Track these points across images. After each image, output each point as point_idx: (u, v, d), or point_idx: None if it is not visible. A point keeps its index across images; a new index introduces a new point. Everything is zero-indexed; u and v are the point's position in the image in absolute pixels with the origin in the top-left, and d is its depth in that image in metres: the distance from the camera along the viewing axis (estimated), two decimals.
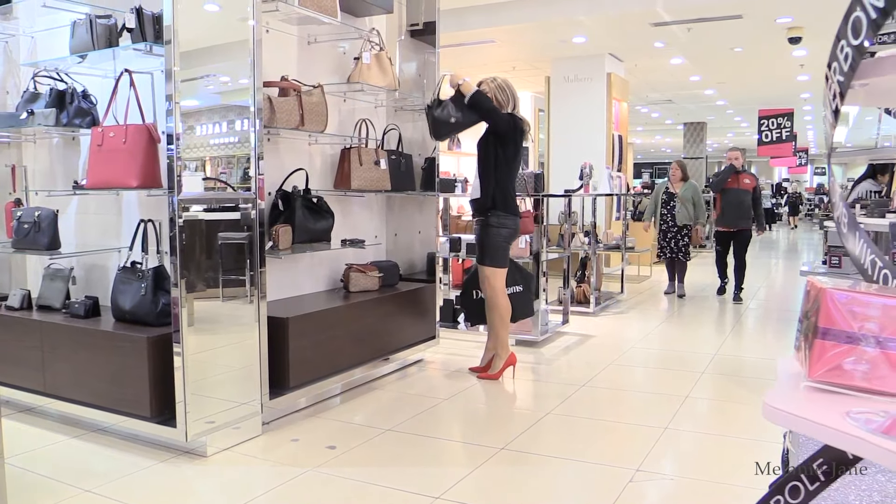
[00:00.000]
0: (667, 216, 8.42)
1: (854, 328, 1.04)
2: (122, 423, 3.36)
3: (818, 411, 0.96)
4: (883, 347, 1.03)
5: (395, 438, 3.54)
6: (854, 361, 1.03)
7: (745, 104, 16.37)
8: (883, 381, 1.04)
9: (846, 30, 1.04)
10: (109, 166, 3.30)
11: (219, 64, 3.64)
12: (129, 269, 3.50)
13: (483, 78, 4.58)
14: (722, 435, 3.61)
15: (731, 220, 7.87)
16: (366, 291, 4.48)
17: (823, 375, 1.08)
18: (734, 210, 7.83)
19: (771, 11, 8.00)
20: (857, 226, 1.21)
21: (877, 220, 4.00)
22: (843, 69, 1.04)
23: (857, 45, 0.99)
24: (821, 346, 1.07)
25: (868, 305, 1.05)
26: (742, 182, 7.90)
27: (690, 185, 8.34)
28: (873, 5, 0.97)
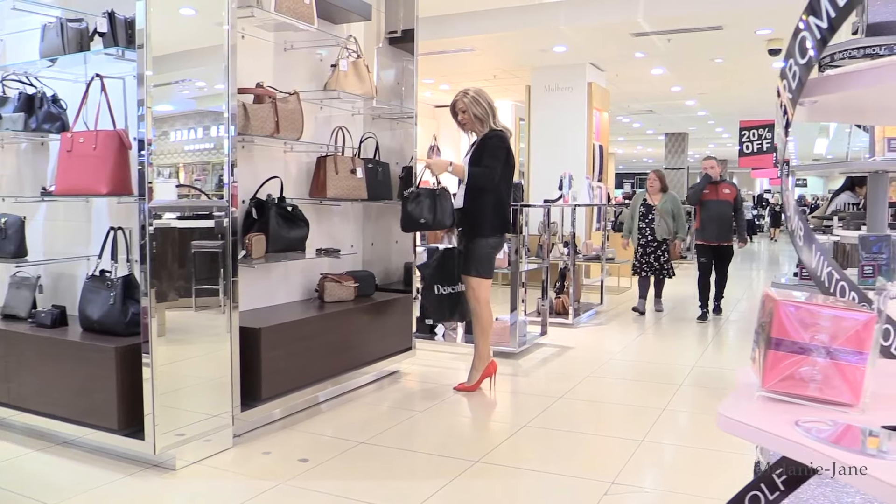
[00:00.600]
0: (645, 230, 7.98)
1: (805, 339, 1.08)
2: (89, 436, 3.33)
3: (769, 421, 1.00)
4: (833, 358, 1.07)
5: (369, 451, 3.54)
6: (806, 371, 1.08)
7: (727, 115, 16.60)
8: (834, 390, 1.09)
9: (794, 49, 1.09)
10: (79, 172, 3.29)
11: (193, 69, 3.64)
12: (98, 277, 3.48)
13: (456, 95, 4.61)
14: (699, 447, 3.66)
15: (711, 234, 7.53)
16: (341, 302, 4.48)
17: (776, 385, 1.12)
18: (714, 223, 7.48)
19: (751, 23, 8.14)
20: (812, 239, 1.25)
21: (853, 232, 4.08)
22: (792, 86, 1.09)
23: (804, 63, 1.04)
24: (774, 356, 1.11)
25: (819, 316, 1.09)
26: (721, 193, 7.55)
27: (670, 196, 7.98)
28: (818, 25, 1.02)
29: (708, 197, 7.54)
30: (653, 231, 7.91)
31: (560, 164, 9.44)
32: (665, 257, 7.92)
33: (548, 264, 6.80)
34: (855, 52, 2.17)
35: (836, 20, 1.01)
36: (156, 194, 3.11)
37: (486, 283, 4.58)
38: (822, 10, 1.03)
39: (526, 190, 10.29)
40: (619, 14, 7.96)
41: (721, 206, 7.49)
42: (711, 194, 7.54)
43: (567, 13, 8.12)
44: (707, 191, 7.54)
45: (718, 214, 7.46)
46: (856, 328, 1.06)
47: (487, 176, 4.44)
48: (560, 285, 7.67)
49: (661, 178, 8.08)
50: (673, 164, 19.87)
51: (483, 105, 4.51)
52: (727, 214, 7.51)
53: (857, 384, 1.09)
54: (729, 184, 7.75)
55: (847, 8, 1.00)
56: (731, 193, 7.58)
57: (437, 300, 4.57)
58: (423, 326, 5.99)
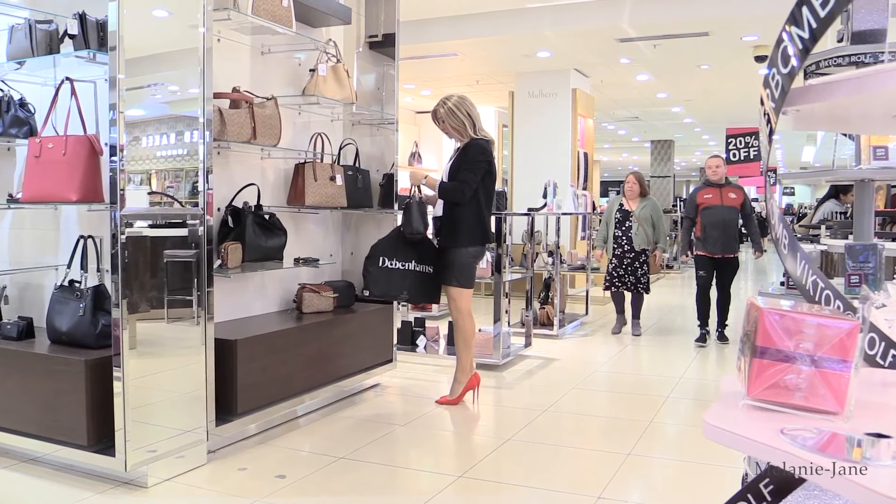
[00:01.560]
0: (621, 239, 7.32)
1: (790, 347, 1.11)
2: (57, 453, 3.30)
3: (755, 429, 1.02)
4: (818, 366, 1.10)
5: (348, 467, 3.54)
6: (790, 380, 1.11)
7: (713, 122, 16.77)
8: (819, 398, 1.12)
9: (777, 58, 1.12)
10: (47, 179, 3.27)
11: (167, 72, 3.63)
12: (66, 287, 3.46)
13: (437, 103, 4.63)
14: (686, 461, 3.69)
15: (714, 245, 6.70)
16: (320, 313, 4.48)
17: (761, 394, 1.15)
18: (717, 232, 6.65)
19: (737, 29, 8.25)
20: (797, 247, 1.28)
21: (841, 241, 4.15)
22: (775, 95, 1.12)
23: (787, 73, 1.07)
24: (759, 364, 1.14)
25: (803, 325, 1.12)
26: (726, 197, 6.73)
27: (650, 202, 7.35)
28: (800, 36, 1.05)
29: (710, 202, 6.77)
30: (630, 240, 7.27)
31: (544, 171, 9.49)
32: (643, 270, 7.25)
33: (532, 274, 6.83)
34: (840, 60, 2.22)
35: (817, 30, 1.04)
36: (128, 202, 3.10)
37: (466, 294, 4.60)
38: (804, 20, 1.06)
39: (509, 198, 10.33)
40: (605, 19, 8.03)
41: (726, 213, 6.70)
42: (714, 198, 6.77)
43: (551, 18, 8.19)
44: (709, 195, 6.80)
45: (723, 222, 6.67)
46: (840, 336, 1.09)
47: (458, 191, 4.47)
48: (544, 296, 7.70)
49: (640, 182, 7.42)
50: (659, 172, 20.03)
51: (459, 117, 4.52)
52: (733, 222, 6.74)
53: (841, 392, 1.12)
54: (735, 187, 6.92)
55: (828, 19, 1.03)
56: (737, 198, 6.76)
57: (377, 271, 4.51)
58: (404, 338, 6.00)
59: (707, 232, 6.72)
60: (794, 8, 1.10)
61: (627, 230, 7.31)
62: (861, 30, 2.04)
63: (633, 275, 7.27)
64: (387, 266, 4.54)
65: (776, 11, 7.31)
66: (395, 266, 4.54)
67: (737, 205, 6.74)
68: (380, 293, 4.60)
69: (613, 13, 7.91)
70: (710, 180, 6.83)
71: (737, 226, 6.78)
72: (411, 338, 6.08)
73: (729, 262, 6.78)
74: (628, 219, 7.32)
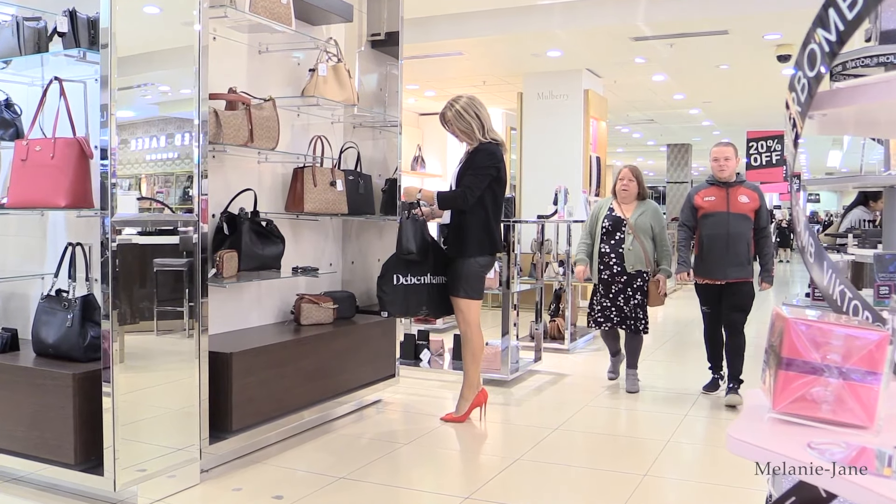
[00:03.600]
0: (609, 257, 5.57)
1: (817, 359, 1.12)
2: (42, 472, 3.31)
3: (780, 442, 1.03)
4: (846, 378, 1.11)
5: (348, 487, 3.54)
6: (817, 392, 1.11)
7: (733, 125, 16.79)
8: (847, 412, 1.12)
9: (803, 61, 1.13)
10: (35, 183, 3.29)
11: (158, 72, 3.67)
12: (53, 297, 3.47)
13: (445, 105, 4.65)
14: (706, 482, 3.69)
15: (714, 267, 5.18)
16: (319, 325, 4.49)
17: (788, 407, 1.16)
18: (720, 249, 5.14)
19: (758, 28, 8.27)
20: (824, 256, 1.30)
21: (869, 250, 4.15)
22: (801, 99, 1.13)
23: (813, 76, 1.09)
24: (784, 376, 1.15)
25: (830, 335, 1.13)
26: (734, 201, 5.17)
27: (649, 207, 5.68)
28: (826, 39, 1.06)
29: (712, 206, 5.23)
30: (621, 258, 5.53)
31: (554, 177, 9.51)
32: (638, 300, 5.52)
33: (542, 285, 6.84)
34: (868, 61, 2.23)
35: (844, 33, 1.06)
36: (119, 208, 3.12)
37: (475, 305, 4.61)
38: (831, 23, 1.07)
39: (518, 205, 10.35)
40: (618, 17, 8.06)
41: (732, 223, 5.14)
42: (718, 202, 5.21)
43: (562, 16, 8.22)
44: (711, 196, 5.26)
45: (727, 235, 5.12)
46: (869, 348, 1.10)
47: (460, 198, 4.49)
48: (555, 308, 7.71)
49: (637, 179, 5.71)
50: (675, 178, 20.05)
51: (468, 119, 4.54)
52: (742, 236, 5.14)
53: (870, 405, 1.12)
54: (749, 188, 5.29)
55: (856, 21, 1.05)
56: (751, 203, 5.19)
57: (393, 291, 4.51)
58: (407, 352, 6.01)
59: (706, 248, 5.21)
60: (821, 10, 1.11)
61: (618, 245, 5.56)
62: (889, 29, 2.06)
63: (627, 305, 5.56)
64: (402, 283, 4.54)
65: (799, 8, 7.34)
66: (410, 282, 4.56)
67: (749, 212, 5.17)
68: (399, 313, 4.65)
69: (628, 10, 7.94)
70: (716, 177, 5.29)
71: (748, 241, 5.16)
72: (414, 351, 6.09)
73: (737, 291, 5.20)
74: (620, 229, 5.58)
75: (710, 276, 5.24)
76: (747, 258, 5.17)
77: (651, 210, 5.67)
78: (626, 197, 5.69)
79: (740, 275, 5.16)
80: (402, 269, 4.54)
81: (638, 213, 5.63)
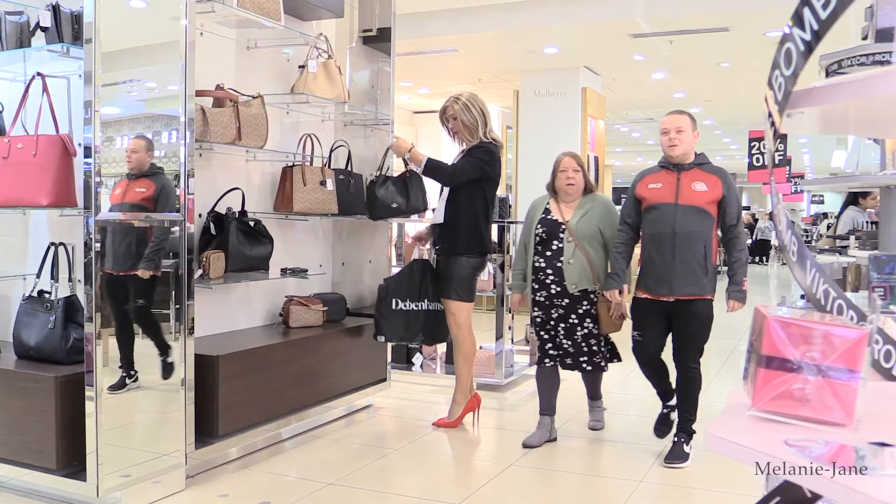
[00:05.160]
0: (545, 272, 4.33)
1: (796, 356, 1.16)
2: (22, 477, 3.32)
3: (758, 440, 1.06)
4: (825, 376, 1.15)
5: (337, 494, 3.57)
6: (797, 390, 1.15)
7: (735, 124, 16.87)
8: (826, 409, 1.16)
9: (780, 59, 1.17)
10: (16, 181, 3.31)
11: (144, 68, 3.70)
12: (35, 298, 3.49)
13: (447, 100, 4.68)
14: (702, 488, 3.72)
15: (657, 278, 3.98)
16: (308, 327, 4.51)
17: (767, 404, 1.20)
18: (664, 253, 3.93)
19: (760, 24, 8.31)
20: (806, 255, 1.33)
21: (868, 252, 4.17)
22: (778, 98, 1.17)
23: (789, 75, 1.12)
24: (764, 374, 1.19)
25: (810, 333, 1.17)
26: (687, 189, 3.94)
27: (597, 203, 4.41)
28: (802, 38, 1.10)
29: (657, 197, 4.01)
30: (559, 274, 4.28)
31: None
32: (588, 329, 4.31)
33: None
34: (863, 59, 2.27)
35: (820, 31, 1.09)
36: (102, 207, 3.14)
37: (466, 307, 4.63)
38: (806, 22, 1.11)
39: (514, 205, 10.38)
40: (617, 13, 8.10)
41: (683, 219, 3.91)
42: (665, 191, 3.99)
43: (560, 12, 8.25)
44: (658, 183, 4.03)
45: (674, 234, 3.91)
46: (847, 345, 1.14)
47: (448, 172, 4.56)
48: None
49: (582, 168, 4.47)
50: None
51: (474, 112, 4.58)
52: (696, 235, 3.90)
53: (849, 403, 1.16)
54: (708, 171, 4.02)
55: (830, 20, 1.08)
56: (710, 192, 3.94)
57: (392, 315, 4.54)
58: (398, 356, 6.03)
59: (647, 254, 4.06)
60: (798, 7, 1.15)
61: (555, 257, 4.31)
62: (885, 27, 2.10)
63: (570, 337, 4.33)
64: (401, 308, 4.55)
65: None
66: (409, 308, 4.57)
67: (707, 204, 3.94)
68: (396, 339, 4.70)
69: (627, 6, 7.98)
70: (666, 157, 4.06)
71: (706, 243, 3.92)
72: (406, 355, 6.12)
73: (687, 312, 3.97)
74: (557, 236, 4.33)
75: (651, 290, 4.01)
76: (704, 267, 3.90)
77: (599, 208, 4.36)
78: (567, 193, 4.42)
79: (691, 290, 3.91)
80: (402, 294, 4.55)
81: (580, 213, 4.34)
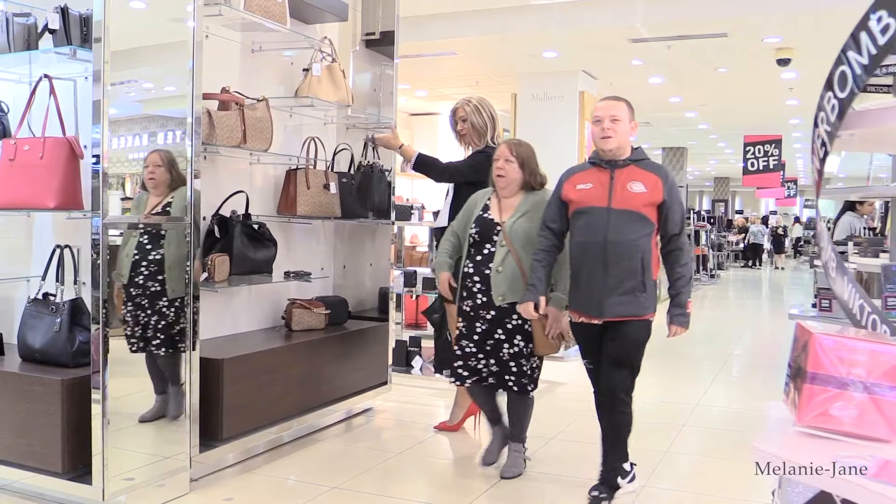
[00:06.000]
0: (472, 279, 3.82)
1: (842, 373, 1.18)
2: (27, 480, 3.31)
3: (807, 455, 1.08)
4: (870, 392, 1.17)
5: (340, 497, 3.56)
6: (842, 407, 1.17)
7: (730, 129, 16.93)
8: (871, 426, 1.18)
9: (833, 81, 1.18)
10: (23, 183, 3.29)
11: (149, 69, 3.69)
12: (40, 301, 3.48)
13: (458, 102, 4.65)
14: (704, 494, 3.73)
15: (588, 296, 3.43)
16: (310, 330, 4.51)
17: (812, 420, 1.22)
18: (593, 266, 3.40)
19: (758, 30, 8.36)
20: (844, 270, 1.35)
21: (872, 260, 4.20)
22: (831, 119, 1.18)
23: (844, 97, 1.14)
24: (809, 390, 1.21)
25: (855, 351, 1.19)
26: (621, 190, 3.40)
27: (539, 202, 3.85)
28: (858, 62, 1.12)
29: (586, 199, 3.47)
30: (486, 282, 3.76)
31: (548, 180, 9.56)
32: (518, 347, 3.75)
33: None
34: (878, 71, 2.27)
35: (877, 57, 1.10)
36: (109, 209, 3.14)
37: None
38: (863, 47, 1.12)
39: None
40: (616, 18, 8.12)
41: (617, 225, 3.37)
42: (596, 192, 3.45)
43: (559, 16, 8.27)
44: (587, 183, 3.48)
45: (605, 243, 3.37)
46: (893, 363, 1.15)
47: (439, 168, 4.51)
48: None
49: (522, 158, 3.91)
50: None
51: (484, 116, 4.52)
52: (632, 246, 3.37)
53: (894, 420, 1.17)
54: (647, 169, 3.48)
55: (888, 47, 1.09)
56: (648, 194, 3.41)
57: None
58: (399, 359, 6.03)
59: (575, 266, 3.50)
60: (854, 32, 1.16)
61: (484, 263, 3.79)
62: None
63: (493, 357, 3.79)
64: None
65: (800, 12, 7.43)
66: None
67: (645, 208, 3.39)
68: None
69: (626, 11, 8.01)
70: (598, 152, 3.51)
71: (643, 254, 3.37)
72: (406, 358, 6.12)
73: (618, 335, 3.43)
74: (490, 239, 3.81)
75: (581, 310, 3.47)
76: (641, 283, 3.37)
77: (543, 208, 3.73)
78: (502, 188, 3.89)
79: (625, 310, 3.37)
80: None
81: (518, 214, 3.82)
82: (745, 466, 4.05)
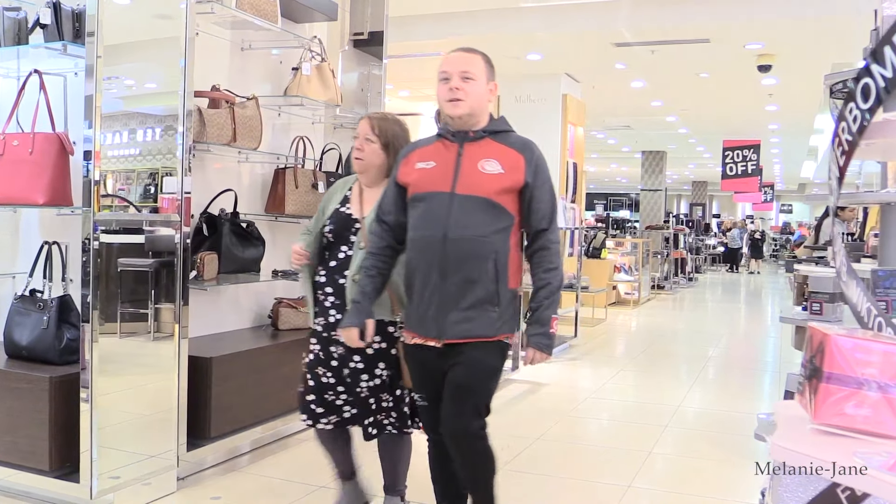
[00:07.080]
0: (323, 290, 3.02)
1: (857, 373, 1.25)
2: (13, 478, 3.28)
3: (827, 451, 1.13)
4: (884, 392, 1.24)
5: (328, 497, 3.56)
6: (857, 405, 1.23)
7: (709, 134, 17.10)
8: (884, 424, 1.25)
9: (856, 93, 1.21)
10: (11, 179, 3.27)
11: (139, 65, 3.68)
12: (27, 298, 3.46)
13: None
14: (690, 494, 3.77)
15: (424, 310, 2.62)
16: (297, 329, 4.50)
17: (828, 418, 1.29)
18: (429, 270, 2.59)
19: (740, 37, 8.46)
20: (855, 274, 1.39)
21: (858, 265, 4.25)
22: (853, 129, 1.22)
23: (867, 108, 1.17)
24: (825, 390, 1.27)
25: (870, 351, 1.25)
26: (470, 169, 2.60)
27: None
28: (882, 74, 1.16)
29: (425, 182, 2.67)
30: (341, 294, 2.95)
31: None
32: (381, 378, 2.93)
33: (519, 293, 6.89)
34: None
35: None
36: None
37: None
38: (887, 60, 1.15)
39: None
40: (601, 22, 8.18)
41: (461, 215, 2.58)
42: (439, 172, 2.65)
43: (544, 19, 8.31)
44: (429, 161, 2.69)
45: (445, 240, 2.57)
46: None
47: None
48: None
49: (384, 136, 2.97)
50: (650, 185, 20.31)
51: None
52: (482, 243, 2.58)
53: None
54: (507, 143, 2.67)
55: None
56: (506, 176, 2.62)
57: None
58: None
59: (409, 271, 2.72)
60: (877, 46, 1.19)
61: (339, 270, 2.99)
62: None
63: (350, 392, 2.99)
64: None
65: (782, 19, 7.53)
66: None
67: (499, 194, 2.61)
68: None
69: (611, 16, 8.07)
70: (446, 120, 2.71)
71: (496, 254, 2.62)
72: None
73: (463, 360, 2.62)
74: (347, 239, 3.02)
75: (413, 329, 2.70)
76: (494, 293, 2.64)
77: None
78: (361, 172, 3.04)
79: (469, 329, 2.60)
80: None
81: None
82: (728, 467, 4.11)
